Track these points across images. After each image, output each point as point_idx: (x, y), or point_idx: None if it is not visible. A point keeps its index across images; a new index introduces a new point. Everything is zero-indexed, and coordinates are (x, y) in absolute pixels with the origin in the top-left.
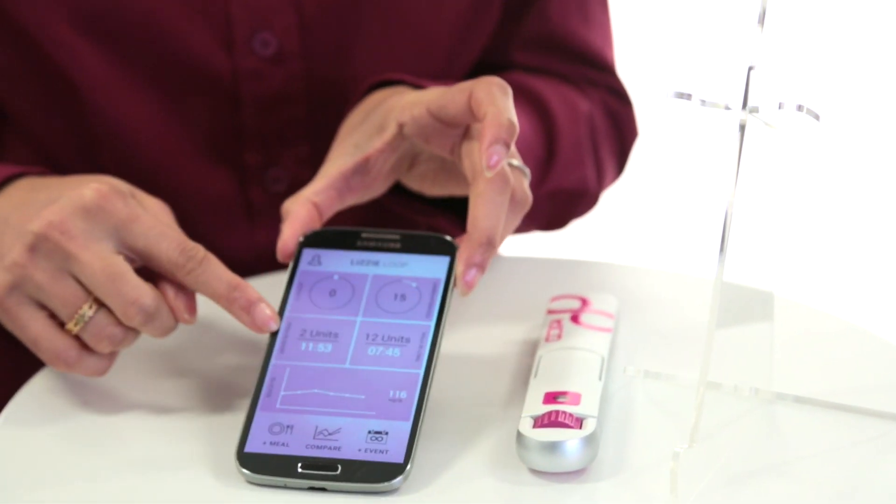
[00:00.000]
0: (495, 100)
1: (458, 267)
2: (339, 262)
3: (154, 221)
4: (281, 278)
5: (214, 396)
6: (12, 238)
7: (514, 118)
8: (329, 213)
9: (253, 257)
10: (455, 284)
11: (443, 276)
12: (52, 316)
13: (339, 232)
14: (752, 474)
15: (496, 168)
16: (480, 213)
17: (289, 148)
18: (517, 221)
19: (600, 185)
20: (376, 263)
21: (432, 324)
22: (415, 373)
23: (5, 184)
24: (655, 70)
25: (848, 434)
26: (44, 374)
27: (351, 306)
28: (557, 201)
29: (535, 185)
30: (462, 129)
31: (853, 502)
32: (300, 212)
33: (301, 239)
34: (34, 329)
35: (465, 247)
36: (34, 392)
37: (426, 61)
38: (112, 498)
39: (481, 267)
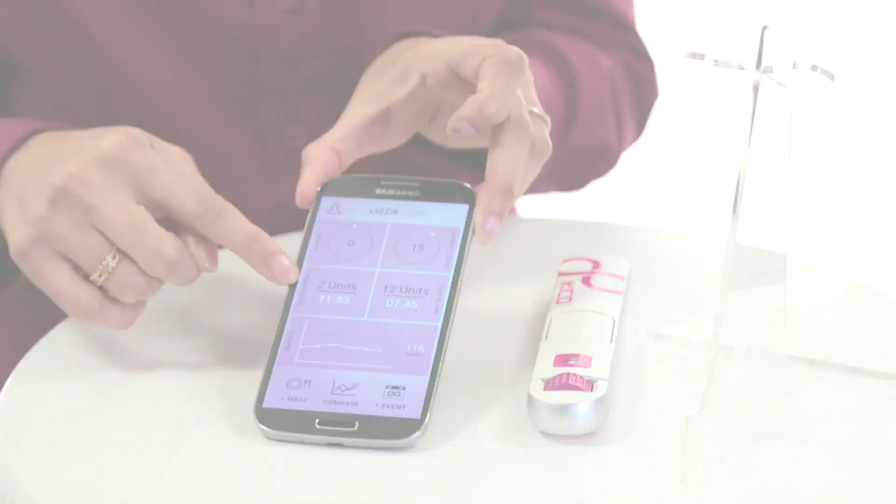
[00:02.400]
0: (496, 79)
1: (477, 215)
2: (357, 210)
3: (173, 172)
4: (300, 237)
5: (233, 352)
6: (33, 192)
7: (503, 104)
8: (349, 160)
9: (271, 213)
10: (474, 233)
11: (461, 225)
12: (76, 269)
13: (359, 179)
14: (764, 437)
15: (457, 135)
16: (499, 161)
17: (307, 103)
18: (537, 170)
19: (620, 144)
20: (395, 212)
21: (451, 275)
22: (433, 325)
23: (27, 139)
24: (668, 30)
25: (862, 396)
26: (60, 329)
27: (369, 257)
28: (577, 160)
29: (555, 143)
30: None
31: (866, 465)
32: (321, 157)
33: (319, 187)
34: (57, 281)
35: (484, 195)
36: (49, 347)
37: (448, 18)
38: (129, 454)
39: (500, 215)
